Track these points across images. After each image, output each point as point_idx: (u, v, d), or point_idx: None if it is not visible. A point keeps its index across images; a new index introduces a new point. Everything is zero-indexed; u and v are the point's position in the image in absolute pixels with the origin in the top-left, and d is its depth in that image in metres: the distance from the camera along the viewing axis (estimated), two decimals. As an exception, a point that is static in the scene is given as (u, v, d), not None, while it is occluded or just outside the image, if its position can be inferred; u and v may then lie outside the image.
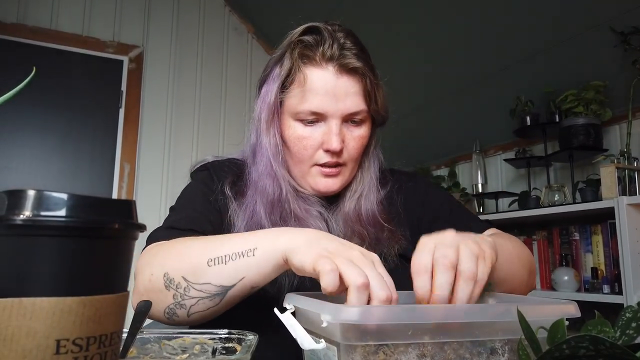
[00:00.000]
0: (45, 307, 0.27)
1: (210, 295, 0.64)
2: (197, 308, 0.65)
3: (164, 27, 3.16)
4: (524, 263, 0.80)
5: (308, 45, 0.81)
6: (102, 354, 0.29)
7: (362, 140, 0.85)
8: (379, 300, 0.51)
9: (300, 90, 0.80)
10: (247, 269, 0.63)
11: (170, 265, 0.66)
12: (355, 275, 0.50)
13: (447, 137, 2.78)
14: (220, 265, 0.64)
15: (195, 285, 0.64)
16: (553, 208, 2.01)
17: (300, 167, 0.85)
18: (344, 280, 0.51)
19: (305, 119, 0.81)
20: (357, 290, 0.50)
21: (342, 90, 0.80)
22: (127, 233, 0.31)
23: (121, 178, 2.91)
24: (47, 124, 2.80)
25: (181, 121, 3.14)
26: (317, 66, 0.80)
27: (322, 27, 0.82)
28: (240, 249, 0.63)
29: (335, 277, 0.51)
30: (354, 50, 0.81)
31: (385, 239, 0.83)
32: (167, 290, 0.65)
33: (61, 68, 2.86)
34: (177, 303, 0.65)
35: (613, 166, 1.78)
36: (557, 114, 2.13)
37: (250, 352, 0.43)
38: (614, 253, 1.88)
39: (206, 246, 0.66)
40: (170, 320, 0.67)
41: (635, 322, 0.41)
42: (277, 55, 0.85)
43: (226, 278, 0.64)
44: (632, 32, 1.78)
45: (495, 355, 0.48)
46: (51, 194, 0.28)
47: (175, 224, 0.79)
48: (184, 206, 0.85)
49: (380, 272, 0.54)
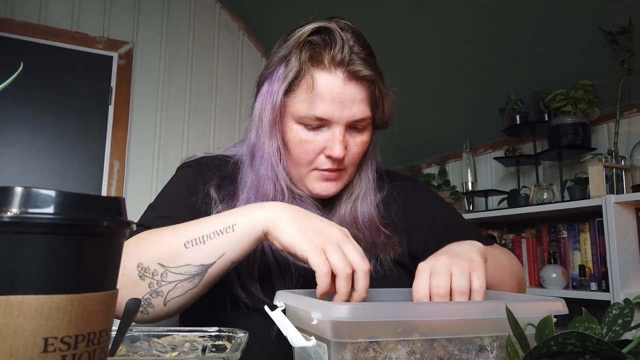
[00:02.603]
0: (33, 305, 0.27)
1: (189, 276, 0.64)
2: (175, 293, 0.64)
3: (154, 23, 3.14)
4: (514, 275, 0.84)
5: (317, 47, 0.78)
6: (91, 352, 0.29)
7: (364, 145, 0.83)
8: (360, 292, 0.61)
9: (307, 95, 0.77)
10: (227, 245, 0.64)
11: (143, 254, 0.65)
12: (342, 266, 0.59)
13: (437, 136, 2.79)
14: (199, 245, 0.64)
15: (173, 269, 0.64)
16: (542, 206, 2.03)
17: (299, 170, 0.82)
18: (332, 268, 0.59)
19: (309, 124, 0.79)
20: (345, 280, 0.59)
21: (349, 97, 0.77)
22: (116, 230, 0.31)
23: (110, 175, 2.89)
24: (35, 121, 2.77)
25: (171, 118, 3.12)
26: (325, 70, 0.77)
27: (333, 28, 0.78)
28: (217, 228, 0.65)
29: (329, 279, 0.59)
30: (363, 55, 0.78)
31: (382, 244, 0.83)
32: (141, 280, 0.64)
33: (50, 64, 2.83)
34: (153, 291, 0.64)
35: (601, 165, 1.80)
36: (547, 113, 2.15)
37: (240, 350, 0.43)
38: (602, 251, 1.90)
39: (180, 231, 0.67)
40: (143, 312, 0.65)
41: (622, 318, 0.41)
42: (282, 54, 0.81)
43: (205, 257, 0.64)
44: (621, 32, 1.80)
45: (484, 351, 0.49)
46: (39, 191, 0.28)
47: (148, 222, 0.77)
48: (161, 205, 0.83)
49: (354, 245, 0.63)
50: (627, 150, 1.91)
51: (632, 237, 1.74)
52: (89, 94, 2.91)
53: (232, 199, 0.82)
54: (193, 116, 3.18)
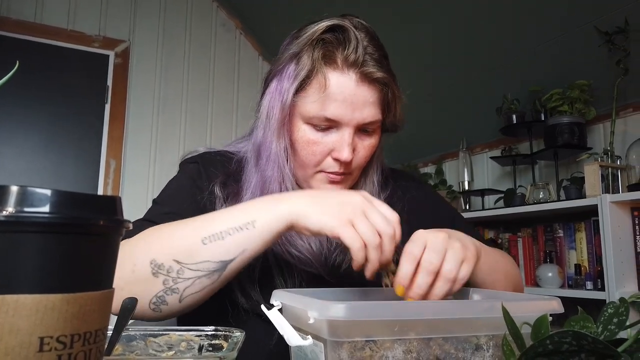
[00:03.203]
0: (28, 304, 0.26)
1: (208, 273, 0.62)
2: (192, 289, 0.63)
3: (150, 22, 3.13)
4: (508, 277, 0.82)
5: (330, 46, 0.75)
6: (87, 352, 0.29)
7: (372, 149, 0.81)
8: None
9: (319, 95, 0.75)
10: (248, 241, 0.63)
11: (156, 250, 0.63)
12: (371, 236, 0.60)
13: (434, 135, 2.79)
14: (218, 241, 0.62)
15: (190, 265, 0.62)
16: (538, 205, 2.03)
17: (305, 171, 0.80)
18: (363, 239, 0.60)
19: (318, 125, 0.76)
20: (375, 249, 0.60)
21: (360, 99, 0.75)
22: (112, 229, 0.31)
23: (107, 174, 2.88)
24: (31, 120, 2.76)
25: (168, 117, 3.11)
26: (338, 70, 0.74)
27: (347, 27, 0.76)
28: (237, 224, 0.63)
29: (364, 253, 0.59)
30: (376, 55, 0.76)
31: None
32: (154, 277, 0.62)
33: (46, 62, 2.82)
34: (168, 289, 0.62)
35: (597, 164, 1.81)
36: (543, 113, 2.16)
37: (237, 349, 0.43)
38: (597, 250, 1.91)
39: (196, 226, 0.64)
40: (156, 310, 0.63)
41: (617, 317, 0.42)
42: (294, 51, 0.77)
43: (225, 253, 0.62)
44: (617, 32, 1.80)
45: (480, 350, 0.49)
46: (35, 189, 0.28)
47: (155, 218, 0.75)
48: (167, 201, 0.81)
49: (378, 209, 0.63)
50: (623, 149, 1.92)
51: (627, 236, 1.75)
52: (85, 92, 2.90)
53: (235, 198, 0.80)
54: (190, 115, 3.18)
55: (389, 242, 0.61)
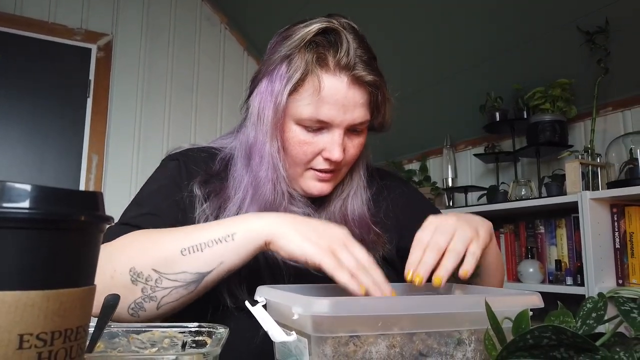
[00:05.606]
0: (7, 301, 0.26)
1: (185, 284, 0.63)
2: (168, 299, 0.64)
3: (134, 15, 3.09)
4: (500, 269, 0.86)
5: (322, 48, 0.76)
6: (68, 349, 0.28)
7: (361, 147, 0.83)
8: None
9: (313, 97, 0.75)
10: (225, 254, 0.63)
11: (136, 259, 0.63)
12: (354, 264, 0.60)
13: (418, 132, 2.80)
14: (197, 253, 0.63)
15: (168, 275, 0.63)
16: (520, 202, 2.06)
17: (295, 169, 0.81)
18: (346, 268, 0.59)
19: (309, 126, 0.77)
20: (365, 275, 0.60)
21: (351, 102, 0.76)
22: (93, 225, 0.30)
23: (89, 170, 2.84)
24: (11, 114, 2.71)
25: (151, 112, 3.08)
26: (330, 73, 0.75)
27: (339, 29, 0.77)
28: (216, 236, 0.64)
29: (355, 281, 0.58)
30: (366, 58, 0.77)
31: (371, 241, 0.83)
32: (133, 285, 0.63)
33: (26, 56, 2.77)
34: (146, 296, 0.63)
35: (577, 162, 1.84)
36: (525, 111, 2.19)
37: (221, 345, 0.43)
38: (577, 246, 1.94)
39: (176, 236, 0.65)
40: (134, 315, 0.64)
41: (595, 312, 0.42)
42: (284, 52, 0.77)
43: (203, 265, 0.63)
44: (598, 31, 1.83)
45: (462, 345, 0.50)
46: (14, 184, 0.27)
47: (133, 221, 0.75)
48: (146, 201, 0.80)
49: (357, 243, 0.64)
50: (603, 147, 1.95)
51: (606, 233, 1.78)
52: (67, 86, 2.85)
53: (219, 196, 0.80)
54: (174, 110, 3.15)
55: (373, 268, 0.61)
